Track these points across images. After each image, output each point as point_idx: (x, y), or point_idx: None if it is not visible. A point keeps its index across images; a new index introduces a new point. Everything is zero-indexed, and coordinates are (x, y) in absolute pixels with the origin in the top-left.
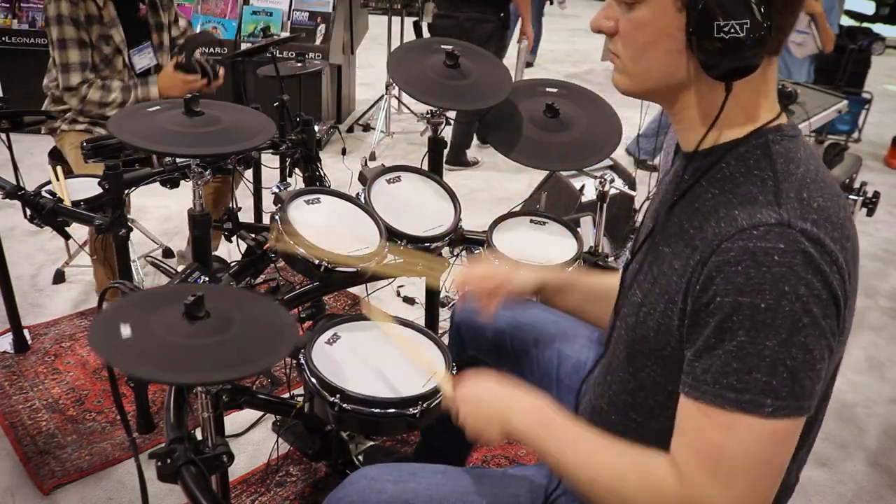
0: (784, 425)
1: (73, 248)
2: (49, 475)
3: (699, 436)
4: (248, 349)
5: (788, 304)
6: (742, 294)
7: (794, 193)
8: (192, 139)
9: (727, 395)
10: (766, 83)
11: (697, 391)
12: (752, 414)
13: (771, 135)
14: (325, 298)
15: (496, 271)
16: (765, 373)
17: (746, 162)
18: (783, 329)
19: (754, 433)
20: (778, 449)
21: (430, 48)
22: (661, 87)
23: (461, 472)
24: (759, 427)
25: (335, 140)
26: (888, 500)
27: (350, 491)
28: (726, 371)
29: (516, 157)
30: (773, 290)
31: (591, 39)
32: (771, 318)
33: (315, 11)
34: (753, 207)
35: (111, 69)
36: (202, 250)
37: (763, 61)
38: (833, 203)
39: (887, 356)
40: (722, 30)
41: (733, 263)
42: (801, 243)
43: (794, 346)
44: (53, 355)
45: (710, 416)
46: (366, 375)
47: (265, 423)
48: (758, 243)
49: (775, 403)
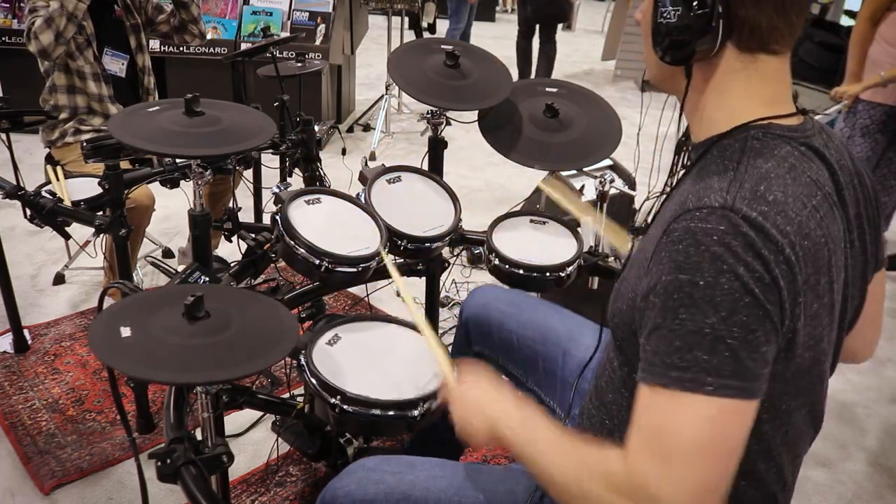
0: (729, 405)
1: (73, 248)
2: (49, 475)
3: (645, 417)
4: (248, 349)
5: (728, 283)
6: (682, 272)
7: (751, 184)
8: (192, 139)
9: (671, 374)
10: (762, 81)
11: (647, 373)
12: (693, 392)
13: (754, 130)
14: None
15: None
16: (706, 351)
17: (724, 153)
18: (723, 307)
19: (697, 412)
20: (724, 430)
21: (430, 48)
22: (659, 78)
23: (459, 466)
24: (702, 406)
25: (335, 140)
26: (888, 500)
27: (348, 481)
28: (670, 350)
29: (516, 157)
30: (712, 268)
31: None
32: (710, 296)
33: (315, 11)
34: (705, 192)
35: (84, 59)
36: (202, 250)
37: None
38: (796, 200)
39: (887, 356)
40: (662, 15)
41: (676, 242)
42: (742, 227)
43: (734, 325)
44: (53, 355)
45: (656, 397)
46: (366, 376)
47: (265, 423)
48: (699, 224)
49: (717, 382)
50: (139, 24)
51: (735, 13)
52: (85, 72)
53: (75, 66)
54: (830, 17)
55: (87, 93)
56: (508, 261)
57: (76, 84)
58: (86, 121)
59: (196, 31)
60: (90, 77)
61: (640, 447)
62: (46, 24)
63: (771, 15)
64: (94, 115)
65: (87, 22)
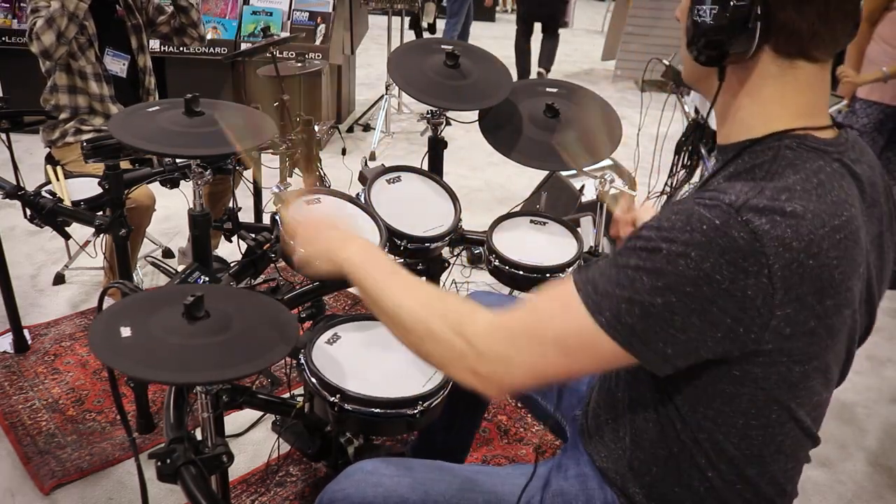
0: (604, 340)
1: (73, 248)
2: (49, 475)
3: (537, 297)
4: (248, 349)
5: (684, 267)
6: (660, 232)
7: (771, 192)
8: (192, 139)
9: (587, 287)
10: (799, 88)
11: (577, 273)
12: (589, 311)
13: (789, 140)
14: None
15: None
16: (625, 298)
17: (756, 160)
18: (663, 279)
19: (577, 325)
20: (583, 351)
21: (430, 48)
22: (692, 77)
23: (457, 468)
24: (586, 326)
25: (335, 140)
26: (888, 500)
27: (346, 484)
28: (602, 271)
29: (516, 157)
30: (681, 247)
31: (591, 39)
32: (661, 265)
33: (315, 11)
34: (728, 188)
35: (85, 59)
36: (202, 250)
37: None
38: (815, 218)
39: (887, 356)
40: (698, 14)
41: (675, 212)
42: (737, 230)
43: (660, 298)
44: (53, 355)
45: (560, 288)
46: (366, 375)
47: (265, 423)
48: (701, 209)
49: (612, 322)
50: (140, 24)
51: (775, 16)
52: (86, 72)
53: (77, 66)
54: None
55: (88, 93)
56: (508, 262)
57: (77, 84)
58: (87, 121)
59: (195, 34)
60: (92, 77)
61: (512, 321)
62: (48, 25)
63: (813, 20)
64: (95, 115)
65: (89, 22)
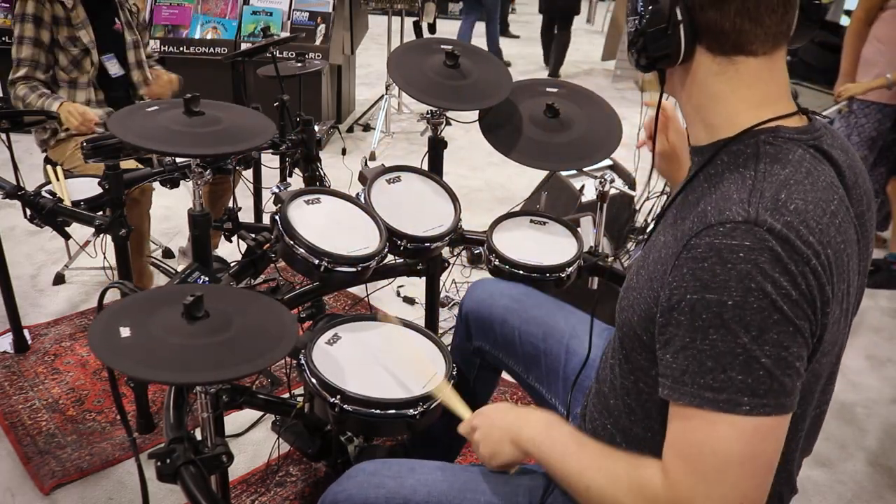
0: (766, 422)
1: (73, 248)
2: (49, 475)
3: (682, 437)
4: (248, 349)
5: (756, 301)
6: (709, 291)
7: (771, 193)
8: (192, 139)
9: (705, 395)
10: (744, 83)
11: (677, 393)
12: (729, 413)
13: (764, 135)
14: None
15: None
16: (740, 371)
17: (737, 160)
18: (753, 326)
19: (735, 432)
20: (761, 447)
21: (430, 48)
22: (644, 82)
23: (460, 469)
24: (740, 425)
25: (335, 140)
26: (888, 500)
27: (348, 485)
28: (702, 370)
29: (516, 157)
30: (740, 287)
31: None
32: (740, 316)
33: (315, 11)
34: (725, 204)
35: (80, 70)
36: (202, 250)
37: (703, 58)
38: (816, 207)
39: (887, 356)
40: (631, 22)
41: (700, 260)
42: (769, 241)
43: (767, 344)
44: (53, 355)
45: (691, 417)
46: (366, 376)
47: (265, 423)
48: (724, 240)
49: (753, 401)
50: (139, 41)
51: (696, 18)
52: (78, 81)
53: (68, 78)
54: (830, 17)
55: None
56: (509, 261)
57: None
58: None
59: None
60: (83, 86)
61: (682, 468)
62: (25, 81)
63: (734, 19)
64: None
65: (87, 30)
